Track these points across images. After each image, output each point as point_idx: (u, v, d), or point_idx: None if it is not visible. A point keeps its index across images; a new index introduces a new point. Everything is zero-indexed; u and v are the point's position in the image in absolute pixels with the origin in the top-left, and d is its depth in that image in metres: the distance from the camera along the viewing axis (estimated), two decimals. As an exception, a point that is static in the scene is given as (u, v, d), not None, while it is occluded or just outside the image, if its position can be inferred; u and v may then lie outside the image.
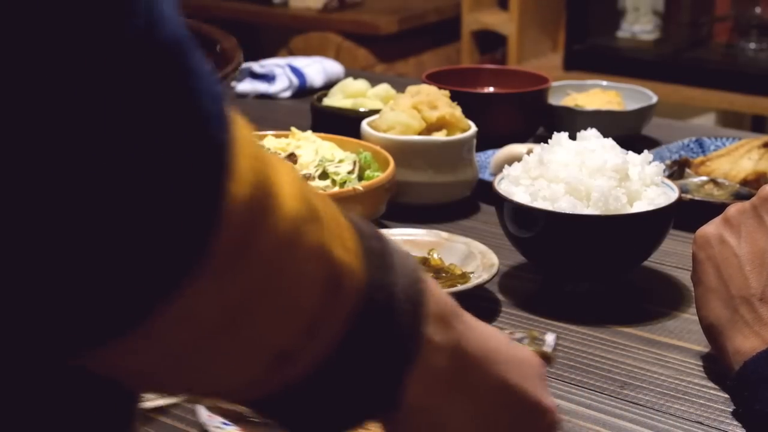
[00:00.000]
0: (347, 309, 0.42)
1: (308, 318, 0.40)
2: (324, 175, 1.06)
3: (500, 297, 0.96)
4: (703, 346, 0.86)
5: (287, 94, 1.67)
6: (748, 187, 1.14)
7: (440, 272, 0.95)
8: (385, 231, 1.02)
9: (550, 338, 0.71)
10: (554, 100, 1.43)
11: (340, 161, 1.08)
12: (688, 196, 1.11)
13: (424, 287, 0.46)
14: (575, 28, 2.82)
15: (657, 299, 0.96)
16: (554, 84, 1.45)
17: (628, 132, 1.37)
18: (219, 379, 0.40)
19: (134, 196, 0.32)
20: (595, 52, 2.78)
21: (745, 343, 0.75)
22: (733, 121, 2.99)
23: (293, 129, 1.17)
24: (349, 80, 1.42)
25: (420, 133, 1.16)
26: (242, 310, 0.37)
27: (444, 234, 1.01)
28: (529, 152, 1.00)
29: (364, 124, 1.19)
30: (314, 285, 0.40)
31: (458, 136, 1.16)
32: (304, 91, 1.65)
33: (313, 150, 1.10)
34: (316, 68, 1.70)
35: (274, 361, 0.40)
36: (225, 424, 0.72)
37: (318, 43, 2.86)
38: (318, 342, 0.41)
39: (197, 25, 1.00)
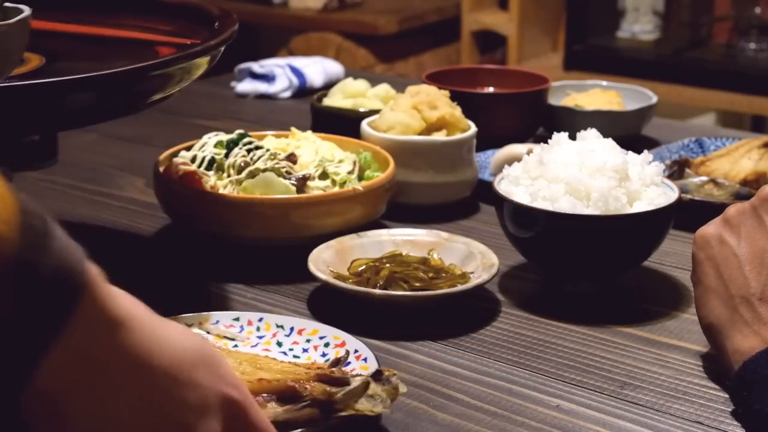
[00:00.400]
0: None
1: None
2: (324, 175, 1.06)
3: (500, 297, 0.96)
4: (703, 346, 0.86)
5: (287, 94, 1.67)
6: (748, 187, 1.14)
7: (440, 272, 0.95)
8: (385, 231, 1.02)
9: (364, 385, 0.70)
10: (554, 100, 1.43)
11: (340, 161, 1.08)
12: (688, 196, 1.11)
13: (84, 281, 0.46)
14: (575, 28, 2.82)
15: (657, 299, 0.96)
16: (554, 84, 1.45)
17: (628, 132, 1.37)
18: None
19: None
20: (595, 52, 2.78)
21: (744, 343, 0.75)
22: (733, 121, 2.99)
23: (293, 129, 1.17)
24: (349, 80, 1.42)
25: (420, 133, 1.16)
26: None
27: (444, 234, 1.01)
28: (529, 152, 1.00)
29: (364, 124, 1.19)
30: None
31: (458, 136, 1.16)
32: (304, 91, 1.65)
33: (313, 150, 1.10)
34: (316, 68, 1.70)
35: None
36: None
37: (318, 43, 2.86)
38: None
39: (201, 3, 1.01)
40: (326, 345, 0.83)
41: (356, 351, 0.80)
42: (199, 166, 1.05)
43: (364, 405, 0.70)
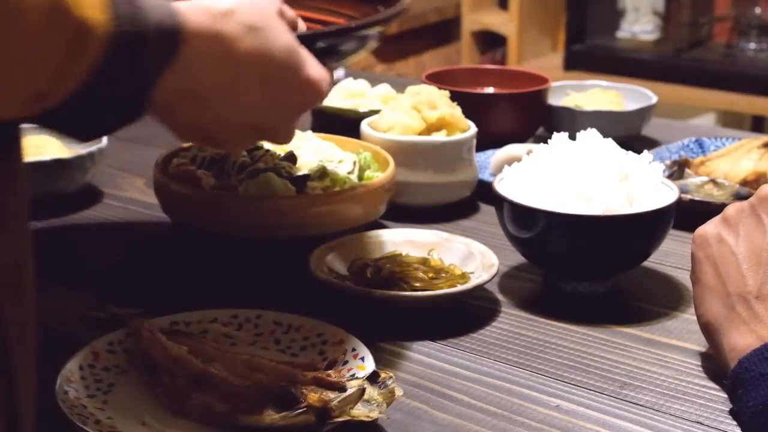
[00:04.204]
0: (94, 56, 0.52)
1: (56, 68, 0.50)
2: (324, 175, 1.05)
3: (500, 297, 0.96)
4: (702, 346, 0.86)
5: (287, 94, 1.66)
6: (748, 187, 1.14)
7: (440, 272, 0.95)
8: (385, 231, 1.02)
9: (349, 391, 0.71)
10: (554, 100, 1.43)
11: (340, 161, 1.08)
12: (688, 197, 1.11)
13: (180, 20, 0.60)
14: (575, 29, 2.82)
15: (657, 299, 0.96)
16: (554, 84, 1.45)
17: (628, 132, 1.37)
18: None
19: None
20: (595, 52, 2.78)
21: (740, 341, 0.75)
22: (733, 121, 2.99)
23: (293, 129, 1.16)
24: (349, 80, 1.42)
25: (420, 134, 1.16)
26: None
27: (444, 234, 1.01)
28: (529, 152, 1.00)
29: (364, 125, 1.19)
30: (57, 43, 0.49)
31: (458, 136, 1.16)
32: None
33: (313, 150, 1.10)
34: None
35: (30, 99, 0.50)
36: None
37: (318, 43, 2.85)
38: (69, 82, 0.52)
39: None
40: (324, 343, 0.83)
41: (354, 350, 0.80)
42: (199, 166, 1.05)
43: (360, 411, 0.70)
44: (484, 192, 1.12)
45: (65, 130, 0.60)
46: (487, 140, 1.27)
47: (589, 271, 0.96)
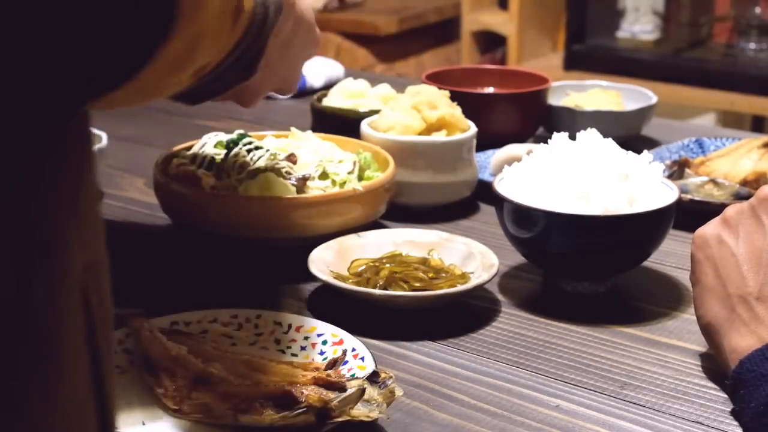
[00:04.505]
0: (242, 30, 0.59)
1: (221, 43, 0.55)
2: (324, 175, 1.05)
3: (500, 297, 0.96)
4: (702, 346, 0.86)
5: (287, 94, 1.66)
6: (748, 188, 1.14)
7: (440, 272, 0.95)
8: (385, 231, 1.02)
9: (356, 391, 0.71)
10: (554, 100, 1.43)
11: (340, 161, 1.08)
12: (688, 197, 1.11)
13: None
14: (575, 28, 2.82)
15: (657, 299, 0.96)
16: (554, 84, 1.45)
17: (628, 132, 1.37)
18: (163, 93, 0.53)
19: None
20: (595, 53, 2.78)
21: (741, 342, 0.75)
22: (733, 121, 2.99)
23: (293, 129, 1.17)
24: (349, 80, 1.42)
25: (420, 134, 1.16)
26: (194, 46, 0.49)
27: (444, 234, 1.01)
28: (529, 152, 1.00)
29: (364, 125, 1.19)
30: (227, 18, 0.54)
31: (458, 136, 1.16)
32: (304, 92, 1.65)
33: (313, 150, 1.10)
34: (316, 68, 1.70)
35: (194, 73, 0.55)
36: None
37: (318, 43, 2.85)
38: (222, 55, 0.59)
39: None
40: (324, 343, 0.83)
41: (354, 350, 0.80)
42: (199, 166, 1.05)
43: (360, 411, 0.70)
44: (484, 192, 1.12)
45: (184, 97, 0.70)
46: (487, 140, 1.27)
47: (589, 271, 0.97)
